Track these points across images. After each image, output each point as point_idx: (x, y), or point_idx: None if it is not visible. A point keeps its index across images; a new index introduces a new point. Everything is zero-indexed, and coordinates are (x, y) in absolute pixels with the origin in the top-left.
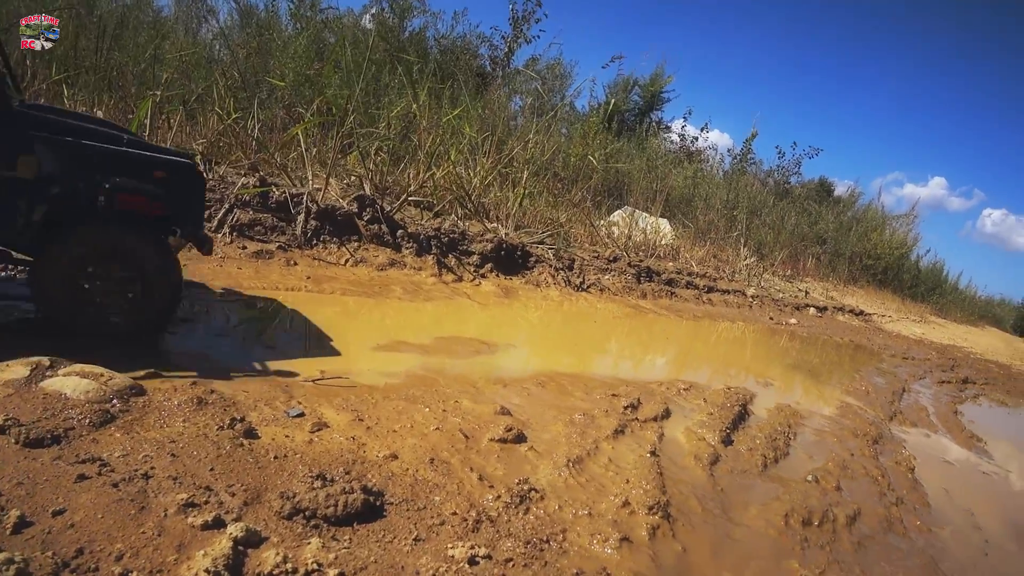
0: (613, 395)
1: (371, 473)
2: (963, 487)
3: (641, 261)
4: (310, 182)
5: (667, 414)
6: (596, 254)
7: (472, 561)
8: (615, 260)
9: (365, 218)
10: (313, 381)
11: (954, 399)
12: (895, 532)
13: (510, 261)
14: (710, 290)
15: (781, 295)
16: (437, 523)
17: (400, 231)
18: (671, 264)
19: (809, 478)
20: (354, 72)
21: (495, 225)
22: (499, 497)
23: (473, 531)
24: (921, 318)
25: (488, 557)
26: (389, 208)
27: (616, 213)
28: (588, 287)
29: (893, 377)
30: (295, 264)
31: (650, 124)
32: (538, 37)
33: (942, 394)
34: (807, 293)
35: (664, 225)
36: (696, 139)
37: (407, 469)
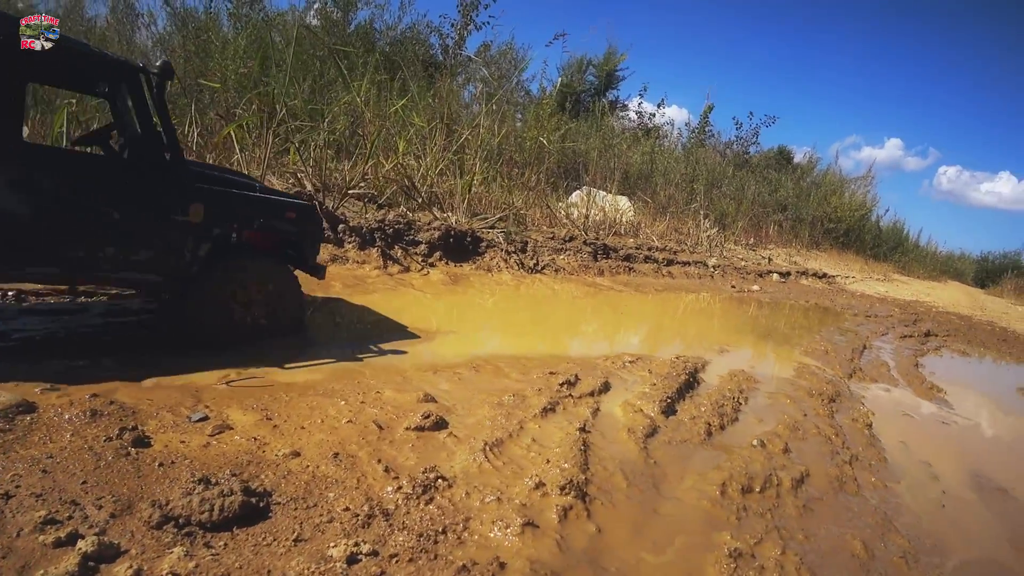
0: (551, 373)
1: (265, 473)
2: (922, 439)
3: (597, 238)
4: None
5: (606, 388)
6: (552, 235)
7: (352, 559)
8: (571, 239)
9: None
10: (227, 383)
11: (916, 353)
12: (847, 491)
13: (460, 248)
14: (670, 263)
15: (744, 263)
16: (325, 521)
17: (341, 225)
18: (631, 240)
19: (755, 443)
20: (298, 69)
21: (447, 214)
22: (400, 488)
23: (363, 527)
24: (884, 277)
25: (373, 554)
26: (332, 204)
27: (575, 194)
28: (542, 268)
29: (854, 335)
30: None
31: (602, 104)
32: (487, 23)
33: (904, 348)
34: (770, 260)
35: (623, 202)
36: (653, 115)
37: (307, 466)
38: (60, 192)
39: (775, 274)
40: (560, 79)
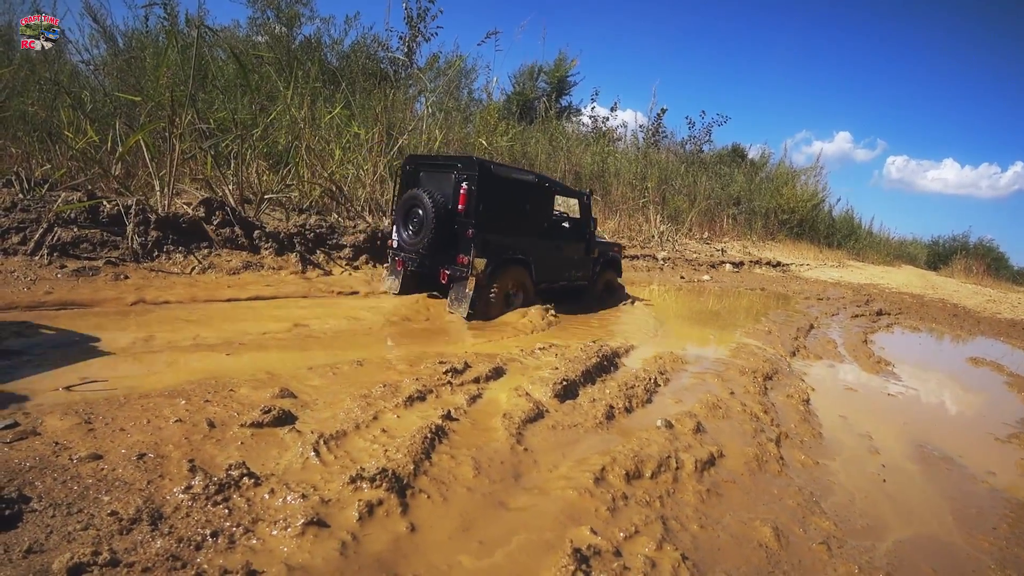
0: (441, 362)
1: (43, 479)
2: (864, 412)
3: None
4: (158, 193)
5: (497, 374)
6: None
7: (76, 570)
8: None
9: (215, 223)
10: (66, 388)
11: (866, 330)
12: (768, 472)
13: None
14: None
15: (696, 256)
16: (80, 529)
17: (257, 231)
18: None
19: (659, 423)
20: (235, 83)
21: (385, 219)
22: (190, 488)
23: (122, 533)
24: (839, 263)
25: (112, 564)
26: (254, 212)
27: None
28: None
29: (803, 316)
30: (125, 278)
31: (544, 103)
32: (436, 34)
33: (854, 327)
34: (724, 251)
35: (573, 203)
36: (607, 119)
37: (101, 469)
38: (560, 249)
39: (728, 264)
40: (496, 79)
